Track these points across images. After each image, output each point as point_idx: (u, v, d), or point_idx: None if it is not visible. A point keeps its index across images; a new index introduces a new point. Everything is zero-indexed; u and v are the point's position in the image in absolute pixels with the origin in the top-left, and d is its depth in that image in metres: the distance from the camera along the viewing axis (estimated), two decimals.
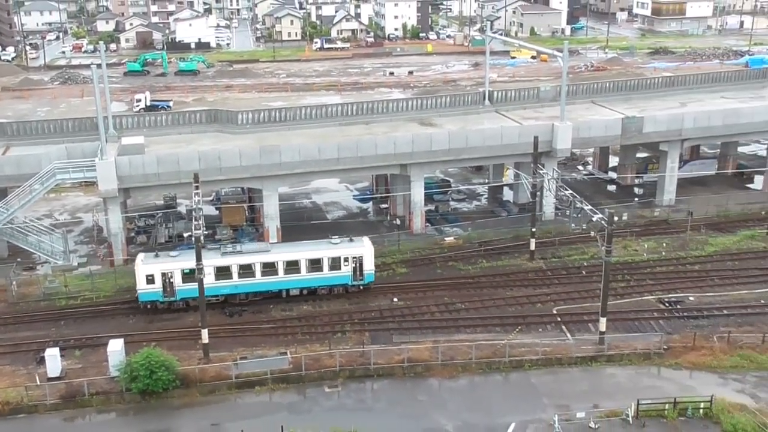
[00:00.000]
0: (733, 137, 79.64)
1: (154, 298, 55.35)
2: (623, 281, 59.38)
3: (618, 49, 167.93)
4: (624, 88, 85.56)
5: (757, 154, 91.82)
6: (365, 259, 57.34)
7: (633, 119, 73.43)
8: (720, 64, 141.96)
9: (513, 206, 76.96)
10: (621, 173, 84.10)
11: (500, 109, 79.48)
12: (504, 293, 58.24)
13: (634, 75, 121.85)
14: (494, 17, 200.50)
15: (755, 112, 76.40)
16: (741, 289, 58.15)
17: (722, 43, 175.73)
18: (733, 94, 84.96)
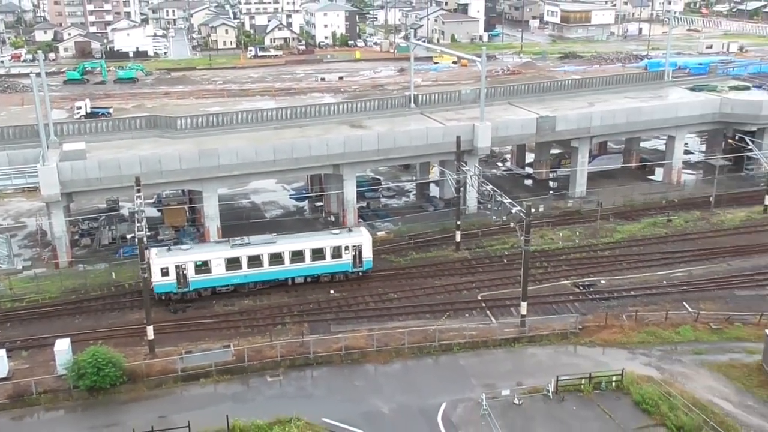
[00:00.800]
0: (636, 133, 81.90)
1: (169, 289, 54.97)
2: (541, 268, 60.48)
3: (531, 54, 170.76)
4: (538, 90, 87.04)
5: (657, 148, 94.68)
6: (364, 247, 58.03)
7: (546, 118, 74.78)
8: (622, 67, 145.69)
9: (439, 201, 77.55)
10: (537, 168, 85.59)
11: (425, 111, 79.94)
12: (433, 282, 58.67)
13: (547, 78, 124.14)
14: (417, 25, 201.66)
15: (654, 110, 78.74)
16: (646, 271, 59.89)
17: (624, 47, 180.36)
18: (635, 94, 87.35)
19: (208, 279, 54.63)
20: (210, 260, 55.02)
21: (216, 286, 55.75)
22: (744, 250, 63.29)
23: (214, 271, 55.15)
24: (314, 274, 57.88)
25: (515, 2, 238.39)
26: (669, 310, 52.40)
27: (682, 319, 51.35)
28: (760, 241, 65.09)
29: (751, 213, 71.26)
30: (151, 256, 54.72)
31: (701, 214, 71.26)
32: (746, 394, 43.22)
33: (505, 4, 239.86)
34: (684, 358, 46.94)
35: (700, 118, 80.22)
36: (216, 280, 55.28)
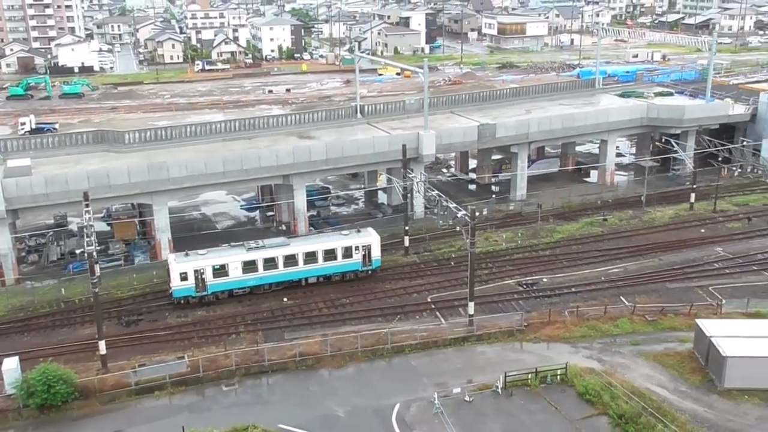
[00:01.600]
0: (571, 138, 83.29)
1: (188, 293, 54.83)
2: (487, 269, 60.89)
3: (471, 65, 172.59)
4: (478, 99, 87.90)
5: (591, 152, 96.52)
6: (373, 247, 58.73)
7: (487, 126, 75.49)
8: (556, 75, 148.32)
9: (387, 208, 77.51)
10: (479, 174, 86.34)
11: (371, 121, 79.93)
12: (384, 286, 58.48)
13: (486, 87, 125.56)
14: (361, 38, 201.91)
15: (587, 116, 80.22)
16: (585, 268, 60.81)
17: (557, 57, 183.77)
18: (569, 101, 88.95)
19: (225, 282, 55.15)
20: (227, 264, 55.18)
21: (233, 288, 55.94)
22: (673, 245, 64.86)
23: (231, 274, 55.35)
24: (326, 274, 58.31)
25: (454, 15, 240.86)
26: (607, 304, 53.27)
27: (619, 313, 52.24)
28: (687, 236, 66.77)
29: (679, 210, 73.09)
30: (170, 262, 54.77)
31: (634, 212, 72.77)
32: (680, 381, 44.16)
33: (445, 18, 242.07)
34: (623, 350, 47.72)
35: (629, 122, 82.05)
36: (233, 283, 55.60)
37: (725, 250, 63.57)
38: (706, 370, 44.74)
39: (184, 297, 54.92)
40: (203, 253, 56.12)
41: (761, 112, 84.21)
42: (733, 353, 43.00)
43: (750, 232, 67.68)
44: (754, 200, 75.94)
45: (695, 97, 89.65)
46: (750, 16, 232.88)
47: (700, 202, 74.07)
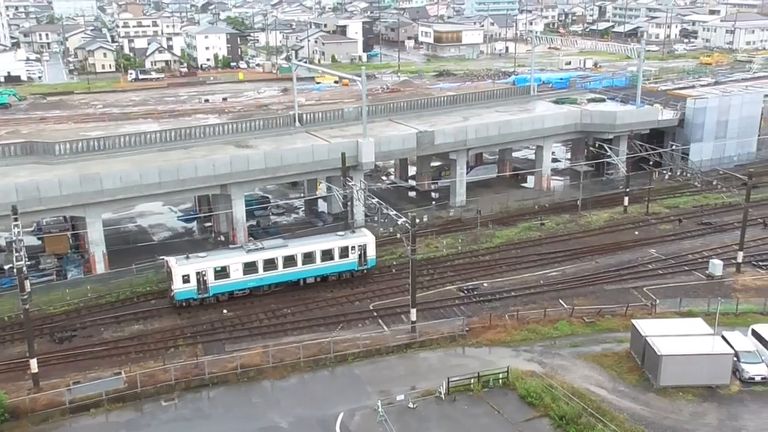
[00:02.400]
0: (508, 144, 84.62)
1: (190, 296, 55.26)
2: (428, 275, 61.21)
3: (408, 73, 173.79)
4: (416, 107, 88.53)
5: (527, 157, 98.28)
6: (368, 246, 60.06)
7: (425, 133, 76.07)
8: (492, 83, 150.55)
9: (328, 216, 77.22)
10: (419, 181, 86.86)
11: (310, 130, 79.59)
12: (325, 295, 58.18)
13: (424, 95, 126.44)
14: (298, 47, 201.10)
15: (523, 122, 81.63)
16: (524, 272, 61.76)
17: (493, 65, 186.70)
18: (505, 108, 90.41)
19: (226, 284, 55.92)
20: (228, 265, 55.88)
21: (234, 290, 56.56)
22: (609, 248, 66.50)
23: (233, 275, 55.99)
24: (324, 273, 59.30)
25: (391, 24, 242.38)
26: (547, 307, 54.18)
27: (559, 315, 53.20)
28: (622, 239, 68.56)
29: (613, 214, 75.00)
30: (171, 265, 55.00)
31: (570, 216, 74.34)
32: (618, 381, 45.21)
33: (382, 26, 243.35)
34: (562, 352, 48.59)
35: (563, 128, 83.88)
36: (234, 284, 56.31)
37: (658, 252, 65.51)
38: (643, 369, 45.94)
39: (185, 299, 55.28)
40: (203, 255, 56.86)
41: (689, 117, 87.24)
42: (667, 352, 44.28)
43: (681, 233, 69.94)
44: (683, 202, 78.54)
45: (626, 103, 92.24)
46: (675, 25, 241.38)
47: (633, 205, 76.18)
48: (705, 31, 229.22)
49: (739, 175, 68.82)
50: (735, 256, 61.67)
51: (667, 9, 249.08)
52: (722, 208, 76.13)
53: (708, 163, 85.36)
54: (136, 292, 58.61)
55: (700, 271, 61.19)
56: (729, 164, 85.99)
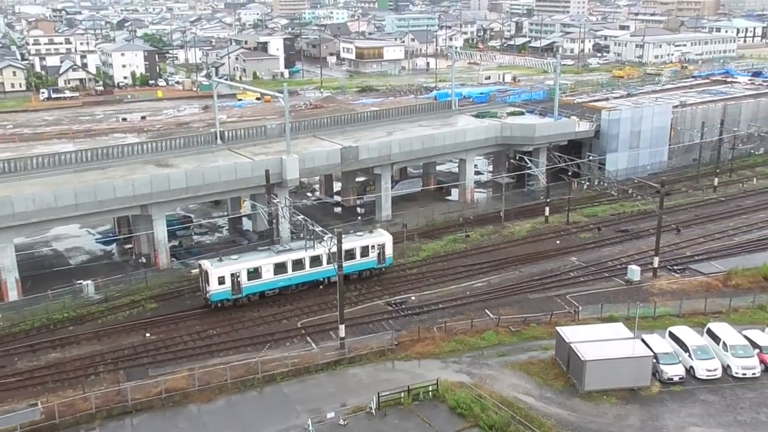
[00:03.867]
0: (432, 158, 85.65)
1: (225, 296, 57.56)
2: (356, 290, 61.16)
3: (331, 89, 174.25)
4: (340, 122, 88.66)
5: (451, 170, 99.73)
6: (386, 246, 63.32)
7: (350, 148, 76.25)
8: (415, 98, 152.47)
9: (253, 234, 76.27)
10: (344, 196, 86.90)
11: (232, 147, 78.61)
12: (252, 314, 57.34)
13: (347, 110, 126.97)
14: (219, 63, 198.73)
15: (446, 136, 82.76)
16: (451, 284, 62.46)
17: (415, 80, 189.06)
18: (428, 123, 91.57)
19: (258, 284, 58.59)
20: (260, 266, 58.25)
21: (265, 290, 59.06)
22: (532, 257, 68.03)
23: (264, 276, 58.49)
24: (347, 272, 60.03)
25: (312, 40, 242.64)
26: (473, 318, 54.87)
27: (485, 326, 53.94)
28: (544, 248, 70.26)
29: (535, 224, 76.82)
30: (207, 268, 57.19)
31: (494, 228, 75.72)
32: (544, 387, 46.12)
33: (303, 42, 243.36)
34: (490, 361, 49.25)
35: (485, 141, 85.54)
36: (265, 284, 58.86)
37: (579, 259, 67.42)
38: (568, 375, 47.02)
39: (221, 300, 57.56)
40: (236, 257, 59.18)
41: (604, 128, 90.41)
42: (591, 357, 45.48)
43: (600, 241, 72.20)
44: (602, 211, 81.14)
45: (544, 115, 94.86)
46: (589, 40, 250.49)
47: (554, 215, 78.25)
48: (616, 45, 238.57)
49: (653, 183, 71.55)
50: (651, 262, 64.03)
51: (581, 25, 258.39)
52: (638, 216, 79.05)
53: (623, 172, 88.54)
54: (52, 318, 56.39)
55: (619, 277, 63.26)
56: (643, 173, 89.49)
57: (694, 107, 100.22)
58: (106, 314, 57.58)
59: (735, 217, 78.38)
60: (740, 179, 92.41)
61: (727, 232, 73.86)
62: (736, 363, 47.22)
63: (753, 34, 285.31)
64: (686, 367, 47.20)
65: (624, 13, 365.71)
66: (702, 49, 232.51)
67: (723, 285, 61.20)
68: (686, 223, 76.29)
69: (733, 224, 76.06)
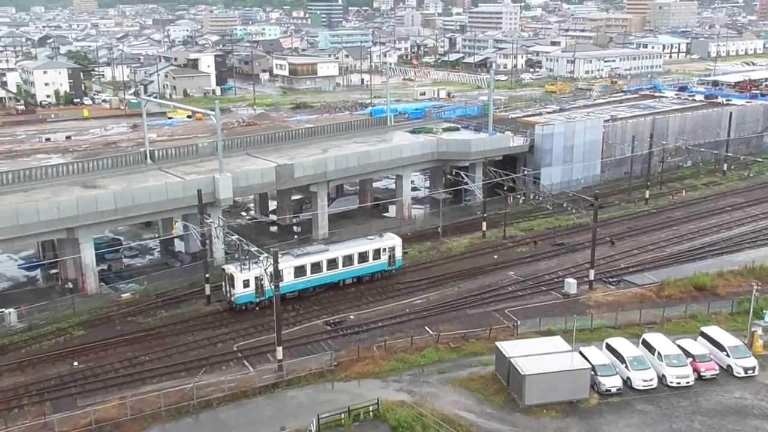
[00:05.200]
0: (368, 175, 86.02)
1: (249, 299, 60.35)
2: (293, 311, 60.74)
3: (265, 106, 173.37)
4: (274, 140, 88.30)
5: (388, 187, 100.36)
6: (396, 248, 67.29)
7: (284, 166, 75.95)
8: (350, 114, 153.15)
9: (186, 256, 75.03)
10: (280, 215, 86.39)
11: (163, 167, 77.33)
12: (186, 339, 56.26)
13: (281, 127, 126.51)
14: (148, 81, 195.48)
15: (382, 153, 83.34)
16: (390, 302, 62.65)
17: (350, 96, 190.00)
18: (363, 139, 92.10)
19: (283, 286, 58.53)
20: (283, 269, 58.10)
21: (286, 292, 60.39)
22: (470, 272, 68.88)
23: (285, 279, 59.63)
24: (360, 275, 65.62)
25: (244, 57, 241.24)
26: (413, 335, 55.10)
27: (425, 343, 54.24)
28: (482, 263, 71.26)
29: (473, 239, 77.88)
30: (232, 272, 59.92)
31: (432, 244, 76.41)
32: (485, 403, 46.61)
33: (235, 59, 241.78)
34: (430, 379, 49.51)
35: (421, 157, 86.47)
36: (286, 287, 60.04)
37: (517, 274, 68.59)
38: (508, 390, 47.64)
39: (245, 303, 60.13)
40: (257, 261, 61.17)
41: (537, 143, 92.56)
42: (530, 371, 46.21)
43: (537, 255, 73.65)
44: (537, 225, 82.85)
45: (479, 131, 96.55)
46: (521, 55, 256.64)
47: (491, 229, 79.51)
48: (548, 61, 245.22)
49: (587, 196, 73.56)
50: (587, 275, 65.65)
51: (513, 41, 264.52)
52: (573, 229, 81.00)
53: (558, 186, 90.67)
54: None
55: (557, 290, 64.60)
56: (577, 186, 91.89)
57: (624, 121, 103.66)
58: (30, 343, 55.60)
59: (666, 229, 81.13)
60: (670, 191, 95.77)
61: (659, 243, 76.35)
62: (670, 372, 48.69)
63: (678, 50, 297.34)
64: (623, 378, 48.43)
65: (555, 29, 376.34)
66: (630, 64, 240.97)
67: (656, 296, 63.14)
68: (620, 236, 78.57)
69: (665, 235, 78.68)
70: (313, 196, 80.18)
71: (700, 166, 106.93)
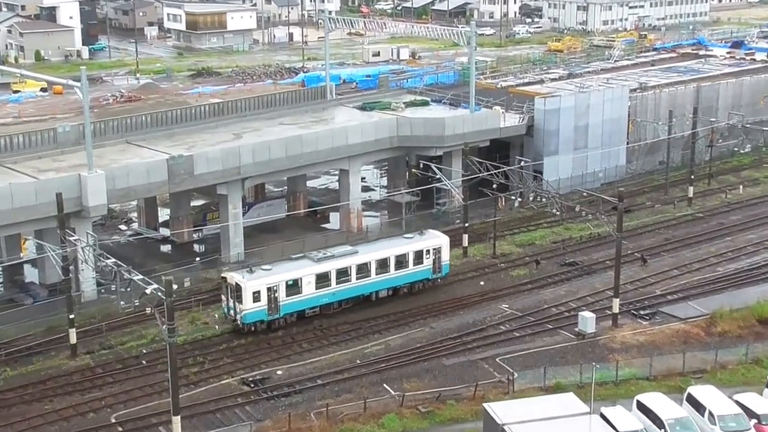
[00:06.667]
0: (300, 170, 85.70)
1: (260, 317, 62.81)
2: (196, 365, 60.36)
3: (152, 74, 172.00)
4: (165, 121, 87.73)
5: (329, 187, 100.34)
6: (443, 250, 70.39)
7: (180, 159, 75.38)
8: (274, 84, 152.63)
9: (40, 289, 74.06)
10: (175, 228, 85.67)
11: (5, 162, 76.39)
12: (42, 408, 55.52)
13: (176, 104, 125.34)
14: None
15: (319, 138, 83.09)
16: (333, 350, 62.51)
17: (273, 59, 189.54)
18: (293, 119, 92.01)
19: (297, 301, 63.89)
20: (301, 278, 63.29)
21: (306, 308, 64.44)
22: (446, 306, 69.20)
23: (304, 290, 63.43)
24: (397, 285, 69.07)
25: (123, 5, 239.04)
26: (367, 397, 55.08)
27: (384, 407, 54.32)
28: (463, 292, 71.63)
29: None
30: (238, 281, 62.00)
31: None
32: None
33: (110, 9, 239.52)
34: None
35: (375, 144, 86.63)
36: (305, 301, 64.03)
37: (512, 307, 69.02)
38: None
39: (254, 322, 62.65)
40: (268, 267, 64.38)
41: (539, 122, 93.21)
42: None
43: (539, 279, 74.37)
44: (540, 237, 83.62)
45: (457, 106, 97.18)
46: (514, 1, 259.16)
47: (475, 244, 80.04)
48: (551, 7, 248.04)
49: (607, 197, 74.35)
50: (610, 306, 66.43)
51: None
52: (589, 242, 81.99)
53: (567, 182, 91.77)
54: None
55: (568, 328, 65.17)
56: (593, 183, 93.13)
57: (657, 91, 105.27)
58: None
59: (717, 240, 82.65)
60: (722, 188, 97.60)
61: (707, 260, 77.70)
62: None
63: None
64: None
65: None
66: (665, 11, 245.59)
67: (705, 333, 64.15)
68: (654, 251, 79.77)
69: (716, 249, 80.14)
70: (221, 200, 79.76)
71: (763, 152, 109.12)
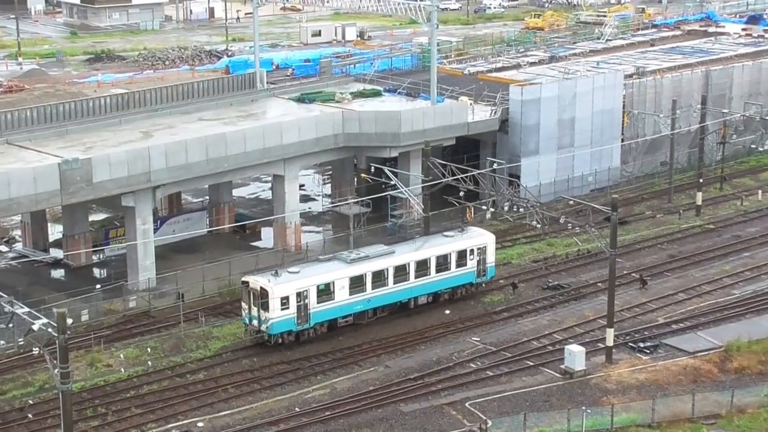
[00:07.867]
0: (224, 176, 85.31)
1: (288, 327, 65.77)
2: (96, 417, 59.89)
3: (38, 57, 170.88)
4: (56, 117, 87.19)
5: (260, 197, 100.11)
6: (488, 249, 74.09)
7: (75, 164, 74.82)
8: (191, 71, 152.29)
9: None
10: (70, 249, 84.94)
11: None
12: None
13: (69, 95, 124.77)
14: None
15: (247, 137, 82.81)
16: (267, 396, 62.18)
17: (190, 40, 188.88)
18: (215, 114, 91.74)
19: (329, 308, 66.82)
20: (333, 282, 66.16)
21: (338, 317, 67.52)
22: (405, 340, 69.45)
23: (337, 296, 66.36)
24: (438, 290, 72.77)
25: None
26: None
27: None
28: (424, 324, 71.84)
29: None
30: (263, 285, 64.75)
31: None
32: None
33: None
34: None
35: (316, 143, 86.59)
36: (338, 308, 66.91)
37: (484, 340, 69.45)
38: None
39: (282, 333, 65.61)
40: (295, 270, 67.35)
41: (515, 115, 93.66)
42: None
43: (517, 306, 74.90)
44: (517, 255, 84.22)
45: (415, 97, 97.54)
46: None
47: None
48: None
49: (598, 205, 75.00)
50: (603, 337, 67.04)
51: None
52: (577, 261, 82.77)
53: (550, 188, 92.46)
54: None
55: (552, 365, 65.70)
56: (582, 189, 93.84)
57: (658, 77, 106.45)
58: None
59: (732, 256, 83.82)
60: (737, 193, 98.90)
61: (720, 281, 78.76)
62: None
63: None
64: None
65: None
66: None
67: (719, 370, 64.81)
68: (656, 271, 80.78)
69: (730, 268, 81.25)
70: (127, 214, 79.38)
71: None
